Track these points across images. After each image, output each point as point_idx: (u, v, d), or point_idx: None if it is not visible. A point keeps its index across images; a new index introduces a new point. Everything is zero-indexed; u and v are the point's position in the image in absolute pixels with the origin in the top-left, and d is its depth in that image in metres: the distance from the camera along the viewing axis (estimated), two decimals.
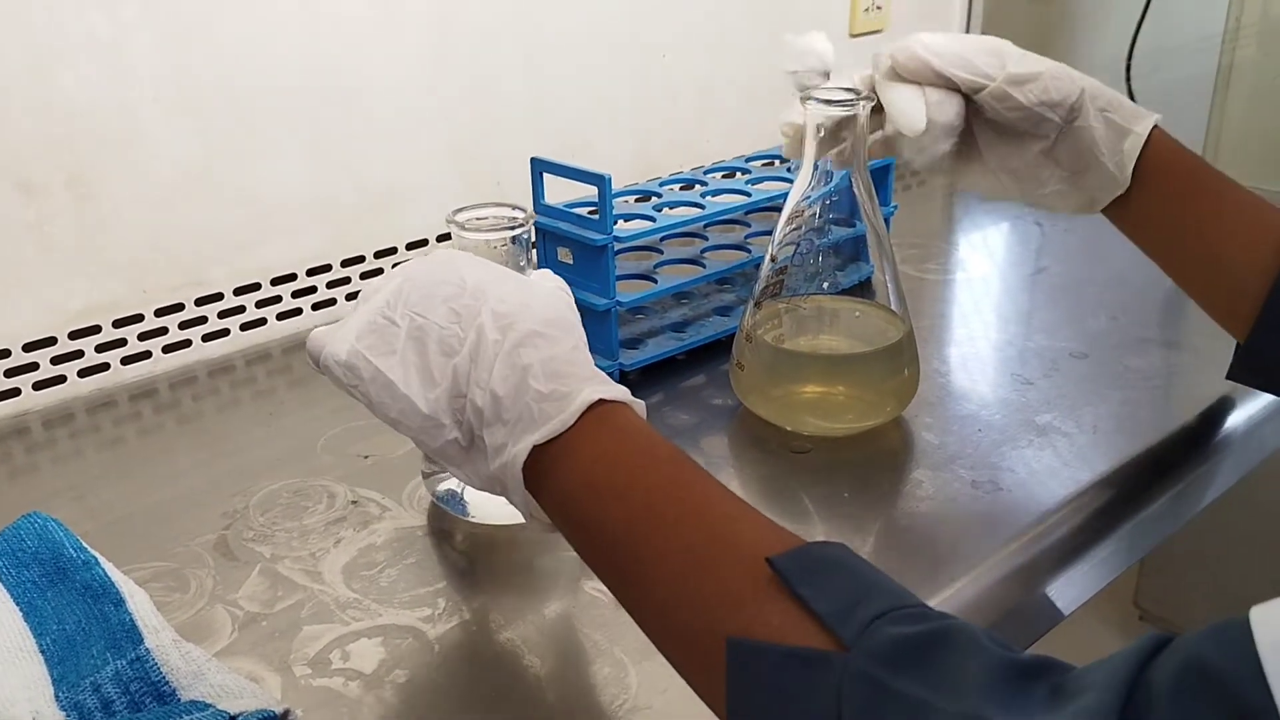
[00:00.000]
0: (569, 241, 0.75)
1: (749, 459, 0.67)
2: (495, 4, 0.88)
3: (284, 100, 0.80)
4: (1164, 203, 0.62)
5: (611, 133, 1.00)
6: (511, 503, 0.45)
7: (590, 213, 0.74)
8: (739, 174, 0.89)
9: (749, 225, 0.87)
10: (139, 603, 0.50)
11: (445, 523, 0.60)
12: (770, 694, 0.35)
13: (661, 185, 0.86)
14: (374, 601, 0.54)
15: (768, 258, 0.69)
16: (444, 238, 0.92)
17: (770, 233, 0.86)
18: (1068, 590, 0.59)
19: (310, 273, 0.85)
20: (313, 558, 0.58)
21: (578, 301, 0.75)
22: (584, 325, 0.75)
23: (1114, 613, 1.42)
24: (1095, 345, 0.79)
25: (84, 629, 0.49)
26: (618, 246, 0.73)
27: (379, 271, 0.89)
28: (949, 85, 0.62)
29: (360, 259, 0.87)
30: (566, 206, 0.77)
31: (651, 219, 0.78)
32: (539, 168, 0.76)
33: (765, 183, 0.85)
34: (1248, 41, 1.36)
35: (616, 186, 0.85)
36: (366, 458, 0.67)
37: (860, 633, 0.34)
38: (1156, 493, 0.65)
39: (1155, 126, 0.61)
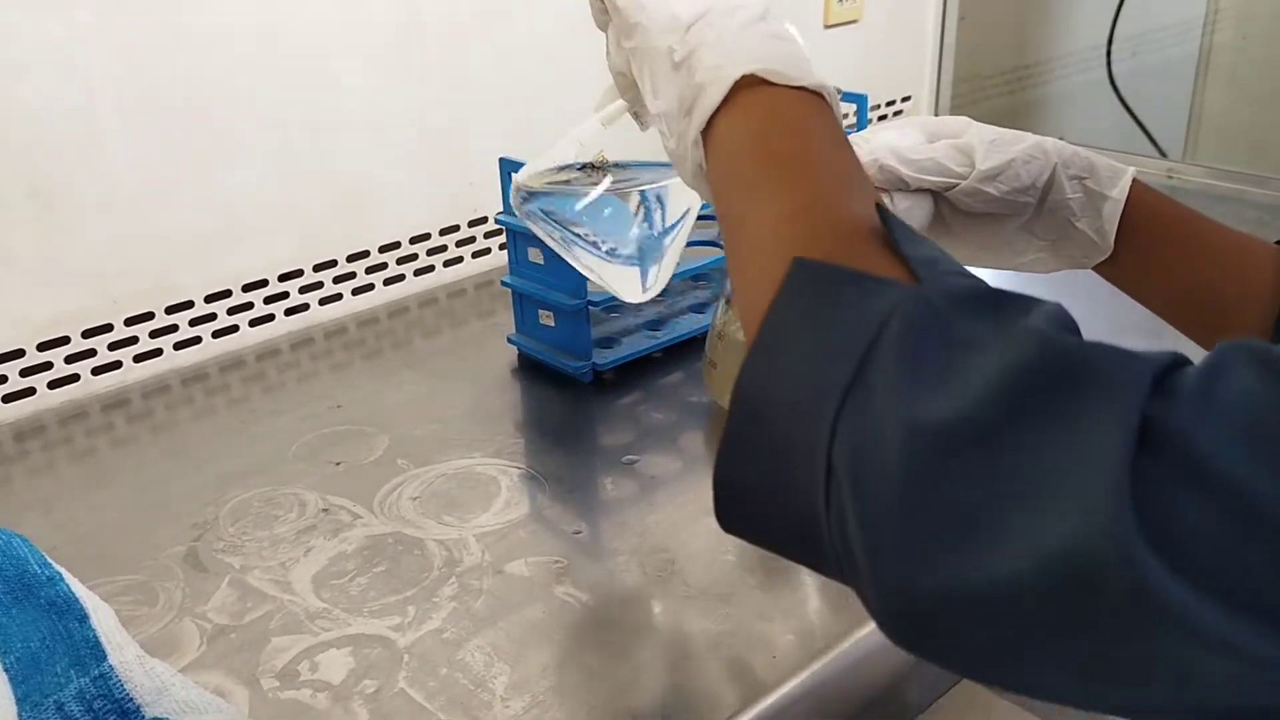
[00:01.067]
0: (540, 242, 0.74)
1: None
2: (465, 2, 0.88)
3: (249, 102, 0.79)
4: (1149, 256, 0.60)
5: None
6: (679, 132, 0.45)
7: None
8: None
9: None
10: (102, 618, 0.49)
11: (417, 529, 0.60)
12: (819, 302, 0.34)
13: None
14: (343, 611, 0.54)
15: None
16: (418, 239, 0.92)
17: None
18: None
19: (282, 278, 0.84)
20: (282, 568, 0.57)
21: (550, 302, 0.75)
22: (556, 325, 0.75)
23: None
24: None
25: (48, 646, 0.48)
26: None
27: (351, 276, 0.88)
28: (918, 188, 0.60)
29: (332, 263, 0.87)
30: None
31: None
32: (508, 168, 0.75)
33: None
34: (1225, 25, 1.36)
35: None
36: (338, 464, 0.67)
37: (938, 278, 0.34)
38: None
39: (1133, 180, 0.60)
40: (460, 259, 0.94)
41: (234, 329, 0.83)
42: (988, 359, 0.31)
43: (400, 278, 0.91)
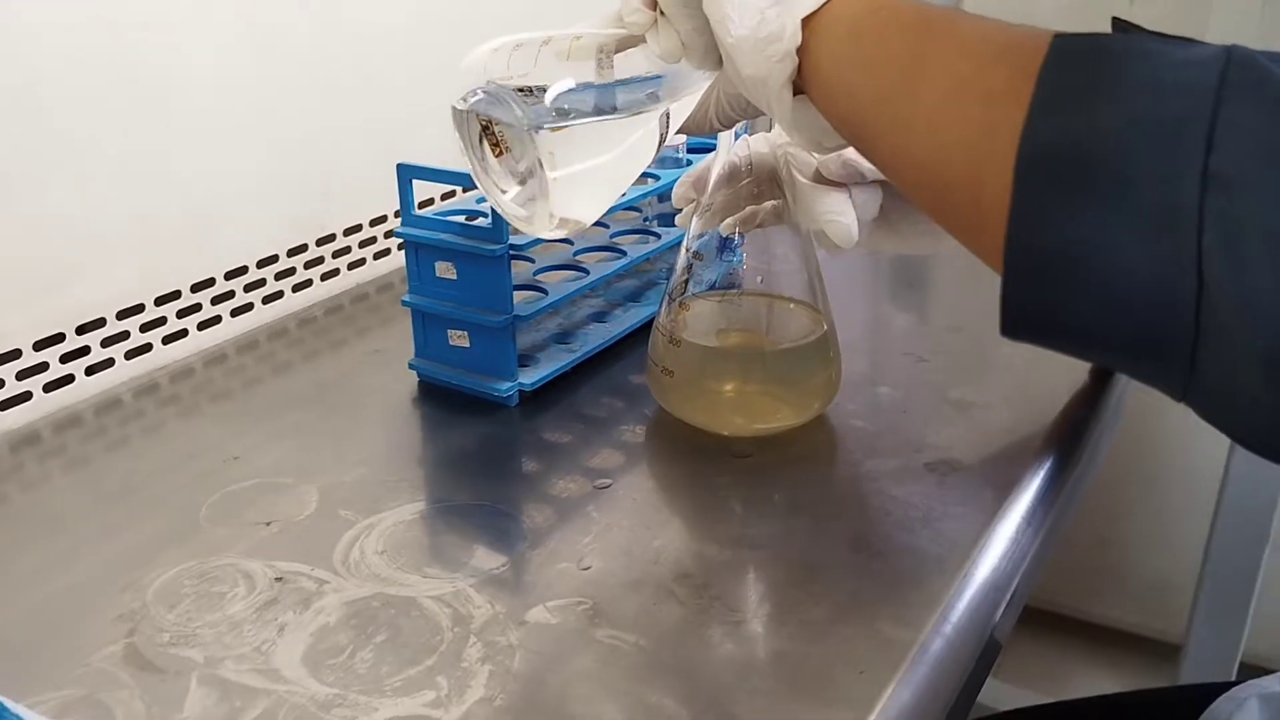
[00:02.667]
0: (453, 254, 0.67)
1: (686, 469, 0.63)
2: None
3: (81, 106, 0.66)
4: None
5: (438, 135, 0.92)
6: (766, 18, 0.44)
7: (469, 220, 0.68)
8: None
9: (606, 226, 0.83)
10: None
11: (402, 587, 0.52)
12: (1115, 56, 0.32)
13: None
14: (359, 694, 0.46)
15: (684, 251, 0.65)
16: (265, 262, 0.81)
17: (639, 231, 0.83)
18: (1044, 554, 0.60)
19: (121, 315, 0.72)
20: (260, 654, 0.48)
21: (467, 320, 0.68)
22: (477, 345, 0.69)
23: None
24: (963, 318, 0.82)
25: None
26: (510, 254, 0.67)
27: (197, 308, 0.77)
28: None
29: (176, 294, 0.75)
30: (438, 215, 0.69)
31: None
32: (408, 174, 0.68)
33: None
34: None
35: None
36: (269, 524, 0.57)
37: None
38: (1083, 446, 0.67)
39: None
40: (309, 282, 0.85)
41: (69, 379, 0.69)
42: None
43: (248, 307, 0.80)
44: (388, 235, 0.90)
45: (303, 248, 0.83)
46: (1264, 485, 1.28)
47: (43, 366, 0.68)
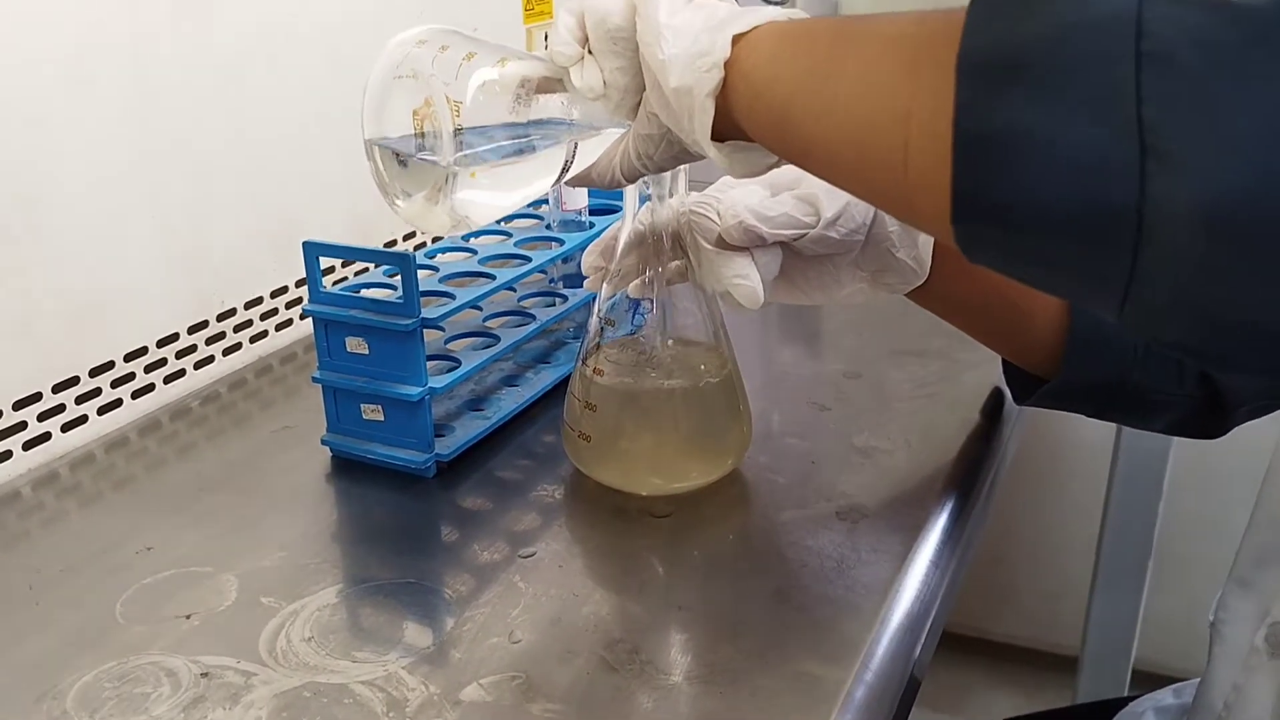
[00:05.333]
0: (364, 330, 0.67)
1: (607, 532, 0.64)
2: (198, 69, 0.78)
3: None
4: (959, 280, 0.66)
5: (328, 202, 0.92)
6: (698, 39, 0.48)
7: (359, 293, 0.68)
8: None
9: (514, 290, 0.84)
10: None
11: (332, 674, 0.52)
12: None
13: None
14: None
15: (595, 315, 0.66)
16: (165, 341, 0.80)
17: (545, 293, 0.84)
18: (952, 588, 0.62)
19: (17, 406, 0.69)
20: None
21: (382, 394, 0.68)
22: (392, 418, 0.69)
23: None
24: (858, 364, 0.85)
25: None
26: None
27: (97, 392, 0.75)
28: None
29: (74, 381, 0.73)
30: (346, 290, 0.69)
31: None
32: (315, 251, 0.68)
33: (531, 243, 0.82)
34: None
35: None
36: (189, 617, 0.56)
37: None
38: (981, 483, 0.70)
39: None
40: (211, 359, 0.83)
41: None
42: None
43: (150, 388, 0.78)
44: (289, 306, 0.90)
45: (203, 324, 0.82)
46: (1147, 496, 1.34)
47: None
